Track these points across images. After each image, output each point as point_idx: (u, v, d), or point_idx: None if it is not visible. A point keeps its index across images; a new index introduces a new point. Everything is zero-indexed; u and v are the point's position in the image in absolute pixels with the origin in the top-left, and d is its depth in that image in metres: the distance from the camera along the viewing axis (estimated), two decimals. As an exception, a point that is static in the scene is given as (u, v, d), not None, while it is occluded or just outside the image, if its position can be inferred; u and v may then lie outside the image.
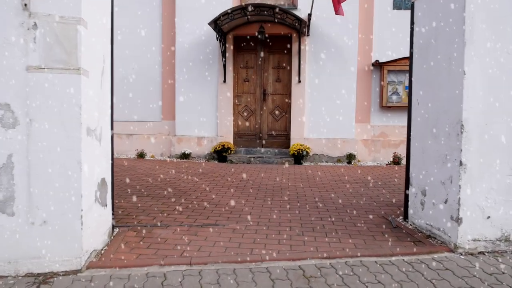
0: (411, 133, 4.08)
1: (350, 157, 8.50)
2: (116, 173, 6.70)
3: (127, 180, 6.23)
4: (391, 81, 8.81)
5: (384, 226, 4.03)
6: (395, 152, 8.57)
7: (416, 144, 3.98)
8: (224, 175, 6.91)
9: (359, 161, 8.71)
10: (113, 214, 3.64)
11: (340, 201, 5.07)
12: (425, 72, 3.82)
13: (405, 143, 9.02)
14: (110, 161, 3.53)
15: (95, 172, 3.11)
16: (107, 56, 3.41)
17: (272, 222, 4.09)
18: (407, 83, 8.78)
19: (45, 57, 2.70)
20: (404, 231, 3.88)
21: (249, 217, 4.26)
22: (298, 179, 6.63)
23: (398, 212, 4.56)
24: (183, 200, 4.99)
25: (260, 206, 4.76)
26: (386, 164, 8.51)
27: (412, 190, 4.05)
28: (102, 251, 3.19)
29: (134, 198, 5.03)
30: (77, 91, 2.76)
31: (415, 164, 4.01)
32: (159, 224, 3.98)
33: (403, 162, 8.47)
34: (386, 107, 8.84)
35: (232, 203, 4.90)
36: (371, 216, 4.38)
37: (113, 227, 3.70)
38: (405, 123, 9.06)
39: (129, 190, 5.55)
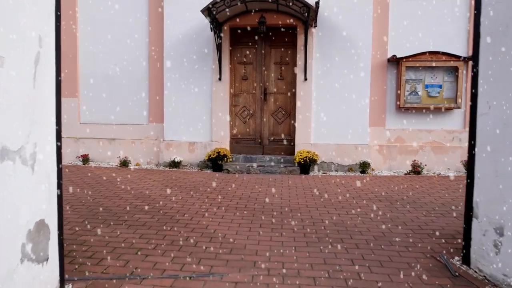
0: (477, 147, 3.01)
1: (363, 166, 7.44)
2: (89, 189, 5.49)
3: (101, 199, 5.09)
4: (410, 79, 7.76)
5: (438, 273, 2.96)
6: (414, 160, 7.52)
7: (486, 162, 2.91)
8: (220, 190, 5.81)
9: (373, 169, 7.65)
10: (62, 265, 2.52)
11: (369, 230, 3.99)
12: (501, 64, 2.75)
13: (425, 149, 8.08)
14: (56, 193, 2.41)
15: (22, 214, 2.00)
16: (48, 36, 2.29)
17: (287, 269, 3.00)
18: (427, 81, 7.75)
19: None
20: (470, 282, 2.81)
21: (255, 260, 3.17)
22: (309, 195, 5.55)
23: (443, 243, 3.50)
24: (168, 231, 3.88)
25: (268, 240, 3.66)
26: (405, 174, 7.46)
27: (478, 225, 2.98)
28: (36, 336, 2.08)
29: (105, 228, 3.91)
30: (-24, 89, 1.64)
31: (483, 189, 2.94)
32: (130, 275, 2.86)
33: (425, 171, 7.45)
34: (403, 109, 7.79)
35: (232, 234, 3.80)
36: (416, 256, 3.30)
37: (64, 282, 2.58)
38: (425, 127, 8.10)
39: (100, 214, 4.42)
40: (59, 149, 2.43)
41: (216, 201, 5.11)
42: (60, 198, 2.46)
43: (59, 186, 2.45)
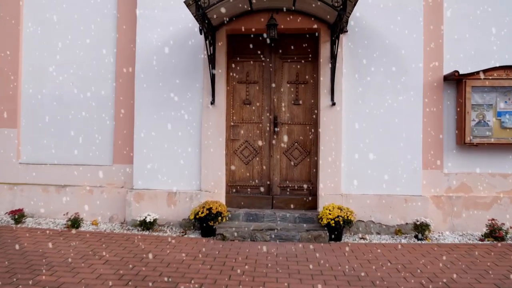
0: None
1: (421, 228, 5.14)
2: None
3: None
4: (475, 103, 5.61)
5: None
6: (492, 220, 5.24)
7: None
8: (211, 286, 3.44)
9: (430, 232, 5.33)
10: None
11: None
12: None
13: (501, 201, 4.58)
14: None
15: None
16: None
17: None
18: (500, 107, 5.61)
19: None
20: None
21: None
22: (364, 300, 3.21)
23: None
24: None
25: None
26: (480, 240, 5.16)
27: None
28: None
29: None
30: None
31: None
32: None
33: (510, 235, 5.16)
34: (468, 145, 5.60)
35: None
36: None
37: None
38: (498, 170, 4.75)
39: None
40: None
41: (202, 326, 2.75)
42: None
43: None
